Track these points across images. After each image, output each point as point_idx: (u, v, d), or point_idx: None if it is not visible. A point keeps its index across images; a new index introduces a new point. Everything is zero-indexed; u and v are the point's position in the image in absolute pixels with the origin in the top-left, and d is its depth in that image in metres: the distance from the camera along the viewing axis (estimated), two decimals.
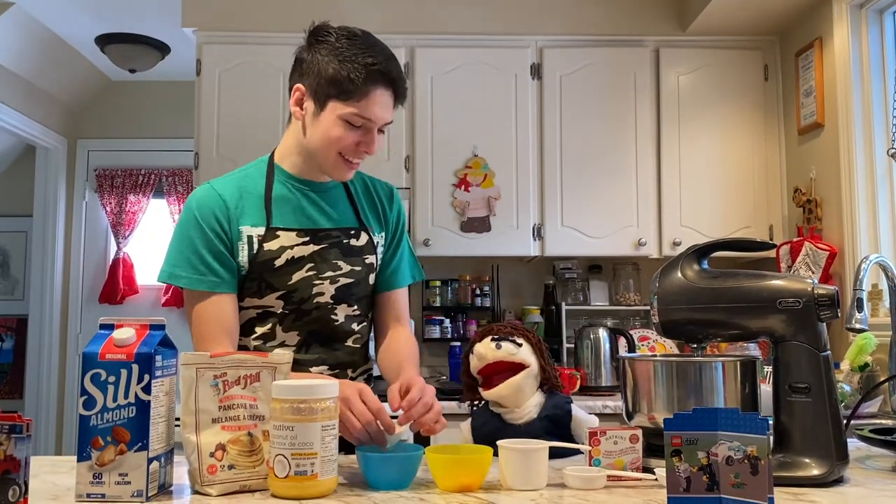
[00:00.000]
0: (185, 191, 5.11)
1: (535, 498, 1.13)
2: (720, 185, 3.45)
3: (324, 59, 1.45)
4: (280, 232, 1.52)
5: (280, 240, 1.51)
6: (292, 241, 1.52)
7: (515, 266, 3.69)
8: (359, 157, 1.51)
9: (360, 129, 1.47)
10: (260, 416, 1.18)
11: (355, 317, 1.60)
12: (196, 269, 1.47)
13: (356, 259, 1.58)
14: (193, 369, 1.15)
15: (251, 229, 1.51)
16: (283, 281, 1.51)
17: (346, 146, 1.47)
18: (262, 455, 1.16)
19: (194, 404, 1.15)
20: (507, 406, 1.46)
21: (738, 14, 3.30)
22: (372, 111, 1.44)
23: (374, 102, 1.44)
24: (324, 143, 1.48)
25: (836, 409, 1.24)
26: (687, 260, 1.36)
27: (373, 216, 1.65)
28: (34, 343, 4.91)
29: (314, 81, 1.46)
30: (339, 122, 1.45)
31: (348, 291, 1.57)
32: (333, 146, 1.47)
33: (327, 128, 1.46)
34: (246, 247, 1.50)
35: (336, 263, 1.55)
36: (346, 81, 1.42)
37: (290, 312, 1.53)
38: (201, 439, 1.14)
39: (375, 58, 1.44)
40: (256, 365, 1.19)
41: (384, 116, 1.48)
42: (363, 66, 1.43)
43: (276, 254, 1.51)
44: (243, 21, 3.44)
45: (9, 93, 4.29)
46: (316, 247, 1.53)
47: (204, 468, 1.13)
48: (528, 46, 3.47)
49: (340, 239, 1.56)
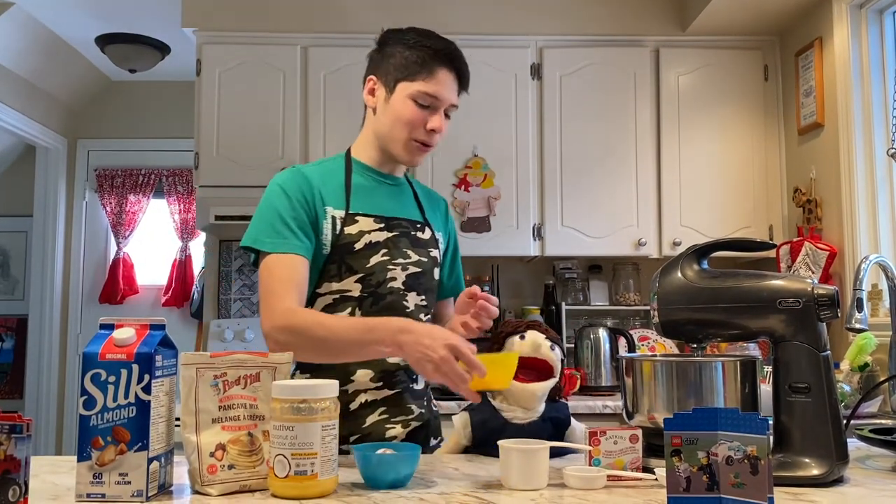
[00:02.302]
0: (185, 191, 5.12)
1: (535, 498, 1.13)
2: (720, 186, 3.45)
3: (394, 49, 1.58)
4: (359, 217, 1.58)
5: (359, 224, 1.57)
6: (370, 226, 1.58)
7: (515, 266, 3.69)
8: (429, 140, 1.58)
9: (428, 108, 1.55)
10: (260, 416, 1.18)
11: (423, 307, 1.65)
12: (279, 234, 1.52)
13: (422, 250, 1.64)
14: (193, 369, 1.15)
15: (334, 210, 1.57)
16: (361, 264, 1.56)
17: (415, 125, 1.55)
18: (263, 455, 1.16)
19: (194, 404, 1.15)
20: (525, 406, 1.45)
21: (738, 14, 3.31)
22: (438, 89, 1.54)
23: (439, 81, 1.54)
24: (395, 123, 1.56)
25: (836, 408, 1.24)
26: (687, 260, 1.36)
27: (433, 218, 1.73)
28: (34, 343, 4.91)
29: (385, 69, 1.58)
30: (408, 101, 1.55)
31: (417, 280, 1.62)
32: (405, 126, 1.55)
33: (397, 109, 1.56)
34: (330, 226, 1.56)
35: (406, 252, 1.61)
36: (413, 63, 1.54)
37: (368, 296, 1.57)
38: (201, 439, 1.14)
39: (441, 42, 1.57)
40: (256, 365, 1.19)
41: (449, 97, 1.57)
42: (429, 48, 1.55)
43: (356, 238, 1.56)
44: (243, 21, 3.44)
45: (9, 93, 4.29)
46: (389, 234, 1.60)
47: (204, 468, 1.13)
48: (528, 46, 3.47)
49: (409, 230, 1.63)
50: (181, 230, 5.12)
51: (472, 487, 1.19)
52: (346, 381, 1.56)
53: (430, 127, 1.56)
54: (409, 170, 1.88)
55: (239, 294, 3.71)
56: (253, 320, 3.61)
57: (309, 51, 3.38)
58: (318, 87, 3.37)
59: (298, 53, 3.38)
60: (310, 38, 3.40)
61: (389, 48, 1.59)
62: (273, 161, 3.32)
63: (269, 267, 1.51)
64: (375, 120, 1.61)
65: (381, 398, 1.58)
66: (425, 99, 1.54)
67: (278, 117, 3.35)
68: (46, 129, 4.76)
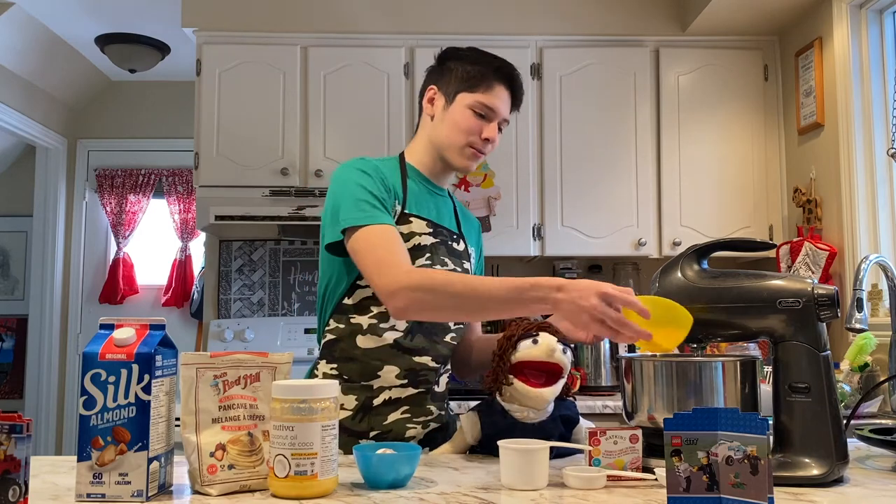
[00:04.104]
0: (185, 191, 5.12)
1: (535, 498, 1.13)
2: (720, 185, 3.45)
3: (455, 64, 1.67)
4: (413, 218, 1.62)
5: (411, 226, 1.61)
6: (422, 229, 1.62)
7: (515, 266, 3.69)
8: (483, 148, 1.65)
9: (484, 119, 1.63)
10: (260, 416, 1.18)
11: None
12: (372, 206, 1.53)
13: (457, 260, 1.68)
14: (193, 369, 1.15)
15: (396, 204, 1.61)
16: None
17: (472, 132, 1.63)
18: (263, 455, 1.16)
19: (194, 404, 1.15)
20: (535, 407, 1.44)
21: (737, 14, 3.31)
22: (494, 102, 1.63)
23: (496, 95, 1.63)
24: (453, 131, 1.64)
25: (835, 409, 1.24)
26: (687, 260, 1.36)
27: (467, 233, 1.78)
28: (34, 343, 4.91)
29: (445, 81, 1.67)
30: (466, 110, 1.63)
31: None
32: (462, 133, 1.63)
33: (455, 118, 1.64)
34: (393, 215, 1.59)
35: (444, 259, 1.64)
36: (474, 76, 1.64)
37: None
38: (201, 439, 1.14)
39: (501, 61, 1.67)
40: (256, 365, 1.19)
41: (504, 111, 1.66)
42: (490, 64, 1.65)
43: (407, 237, 1.58)
44: (243, 21, 3.44)
45: (9, 93, 4.29)
46: (434, 239, 1.63)
47: (204, 468, 1.13)
48: (528, 46, 3.47)
49: (447, 239, 1.67)
50: (181, 230, 5.12)
51: (472, 487, 1.19)
52: (372, 376, 1.57)
53: (486, 136, 1.63)
54: None
55: (239, 294, 3.71)
56: (253, 320, 3.61)
57: (309, 51, 3.38)
58: (318, 87, 3.37)
59: (298, 53, 3.38)
60: (310, 38, 3.40)
61: (451, 63, 1.67)
62: (273, 161, 3.32)
63: (368, 238, 1.49)
64: (432, 127, 1.68)
65: (404, 396, 1.60)
66: (483, 109, 1.62)
67: (278, 117, 3.35)
68: (46, 129, 4.76)
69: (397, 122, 3.39)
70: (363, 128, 3.35)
